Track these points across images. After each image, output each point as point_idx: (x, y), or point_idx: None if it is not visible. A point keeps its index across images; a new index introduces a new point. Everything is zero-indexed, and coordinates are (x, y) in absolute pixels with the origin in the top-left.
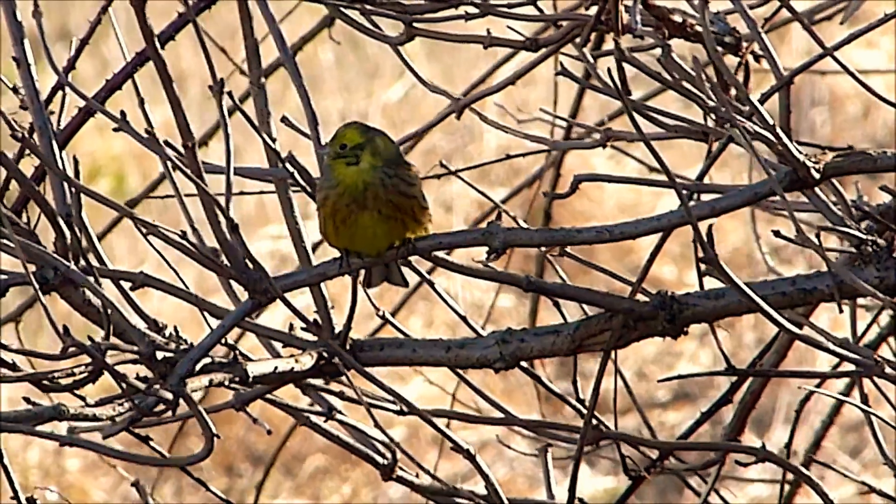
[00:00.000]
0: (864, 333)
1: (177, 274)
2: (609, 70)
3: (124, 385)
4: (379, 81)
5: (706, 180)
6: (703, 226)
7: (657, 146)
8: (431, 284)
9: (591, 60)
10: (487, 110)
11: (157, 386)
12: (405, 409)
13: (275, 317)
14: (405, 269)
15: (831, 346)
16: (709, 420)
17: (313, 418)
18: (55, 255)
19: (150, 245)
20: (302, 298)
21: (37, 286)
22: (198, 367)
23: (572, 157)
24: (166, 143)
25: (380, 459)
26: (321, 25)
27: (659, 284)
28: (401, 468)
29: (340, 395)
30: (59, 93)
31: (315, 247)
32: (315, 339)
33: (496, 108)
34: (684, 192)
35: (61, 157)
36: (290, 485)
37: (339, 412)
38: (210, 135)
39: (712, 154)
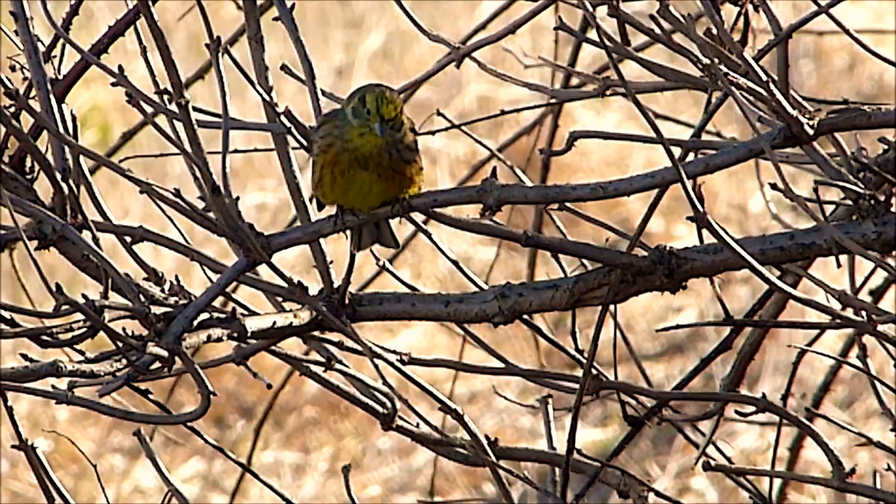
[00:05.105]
0: (861, 286)
1: (175, 226)
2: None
3: (120, 343)
4: (360, 33)
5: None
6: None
7: (650, 96)
8: (429, 236)
9: (591, 10)
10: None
11: (153, 344)
12: (405, 359)
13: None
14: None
15: (826, 304)
16: (700, 374)
17: (312, 368)
18: (46, 212)
19: (152, 200)
20: (300, 251)
21: (29, 244)
22: (196, 321)
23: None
24: (164, 91)
25: (379, 409)
26: None
27: (647, 238)
28: (400, 417)
29: (339, 346)
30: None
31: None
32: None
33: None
34: (680, 148)
35: (60, 112)
36: (279, 436)
37: (340, 361)
38: (186, 86)
39: (710, 108)
